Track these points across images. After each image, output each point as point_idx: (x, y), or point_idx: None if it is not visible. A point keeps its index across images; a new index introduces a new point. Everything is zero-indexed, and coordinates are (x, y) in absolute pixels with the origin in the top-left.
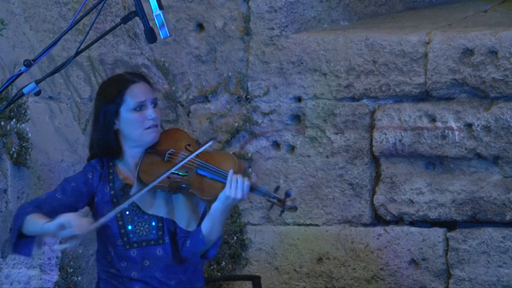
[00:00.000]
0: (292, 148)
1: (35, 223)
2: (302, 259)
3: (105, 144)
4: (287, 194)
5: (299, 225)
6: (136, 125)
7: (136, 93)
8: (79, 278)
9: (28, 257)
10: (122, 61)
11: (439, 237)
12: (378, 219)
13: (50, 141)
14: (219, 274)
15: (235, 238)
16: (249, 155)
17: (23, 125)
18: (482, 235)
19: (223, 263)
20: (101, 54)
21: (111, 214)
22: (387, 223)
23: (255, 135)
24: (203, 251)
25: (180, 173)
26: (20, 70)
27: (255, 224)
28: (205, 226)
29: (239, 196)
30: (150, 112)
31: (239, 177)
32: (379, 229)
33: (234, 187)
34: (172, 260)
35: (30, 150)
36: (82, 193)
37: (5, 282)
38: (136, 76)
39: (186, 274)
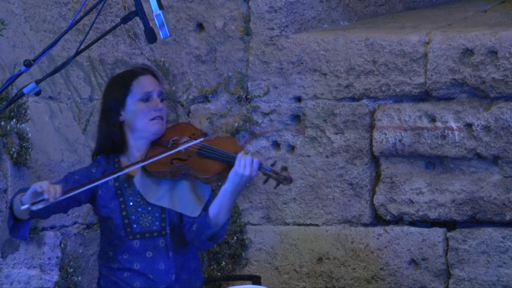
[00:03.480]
0: (292, 148)
1: (17, 200)
2: (302, 259)
3: (110, 137)
4: (283, 168)
5: (299, 225)
6: (142, 115)
7: (143, 84)
8: (79, 278)
9: (24, 240)
10: (122, 61)
11: (439, 237)
12: (378, 219)
13: (50, 141)
14: (219, 274)
15: (235, 238)
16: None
17: (23, 125)
18: (482, 235)
19: (223, 263)
20: (101, 54)
21: (89, 185)
22: (387, 223)
23: (255, 135)
24: (210, 235)
25: (182, 158)
26: (20, 70)
27: (255, 224)
28: (213, 209)
29: (247, 172)
30: (156, 103)
31: (248, 155)
32: (379, 229)
33: (243, 164)
34: (173, 251)
35: (30, 150)
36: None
37: (5, 282)
38: (143, 69)
39: (188, 272)
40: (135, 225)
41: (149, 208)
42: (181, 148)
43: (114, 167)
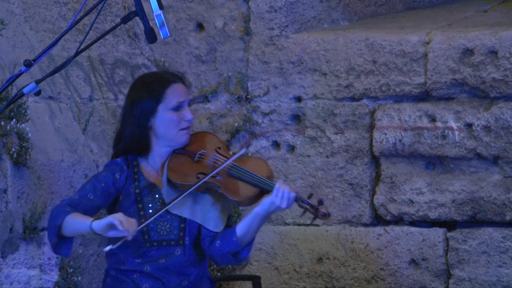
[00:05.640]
0: (292, 148)
1: (79, 222)
2: (302, 259)
3: (136, 140)
4: (320, 202)
5: (299, 225)
6: (172, 125)
7: (176, 93)
8: (79, 278)
9: (68, 257)
10: (122, 61)
11: (439, 237)
12: (378, 219)
13: (50, 141)
14: (219, 274)
15: None
16: (249, 155)
17: (23, 125)
18: (482, 235)
19: None
20: (101, 54)
21: (156, 215)
22: (387, 223)
23: (255, 135)
24: (234, 252)
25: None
26: (20, 70)
27: None
28: (241, 228)
29: (284, 205)
30: (187, 113)
31: (287, 187)
32: (379, 229)
33: (281, 196)
34: (189, 262)
35: (30, 150)
36: (110, 194)
37: (5, 282)
38: (176, 76)
39: (198, 278)
40: (152, 233)
41: (168, 217)
42: (218, 169)
43: (134, 171)
